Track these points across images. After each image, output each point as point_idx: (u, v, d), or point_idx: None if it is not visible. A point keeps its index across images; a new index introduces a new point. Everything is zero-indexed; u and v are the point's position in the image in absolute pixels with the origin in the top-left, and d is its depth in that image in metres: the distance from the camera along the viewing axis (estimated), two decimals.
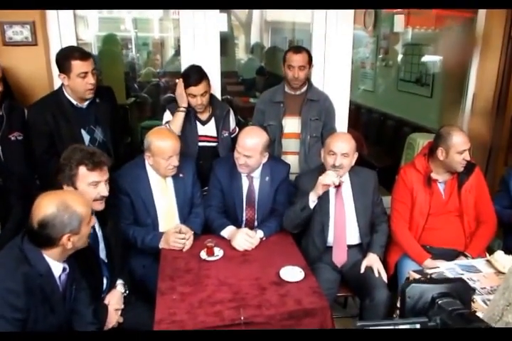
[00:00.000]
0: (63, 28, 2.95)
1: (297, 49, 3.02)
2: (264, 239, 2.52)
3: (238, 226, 2.63)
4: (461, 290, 1.53)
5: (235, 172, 2.65)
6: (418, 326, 1.27)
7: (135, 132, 4.86)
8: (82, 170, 2.05)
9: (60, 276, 1.79)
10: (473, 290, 1.82)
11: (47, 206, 1.70)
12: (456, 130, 2.53)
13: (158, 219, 2.57)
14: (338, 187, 2.52)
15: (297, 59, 2.93)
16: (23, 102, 2.71)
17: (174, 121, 2.81)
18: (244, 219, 2.71)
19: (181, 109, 2.81)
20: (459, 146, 2.47)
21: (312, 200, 2.44)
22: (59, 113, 2.53)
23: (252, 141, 2.51)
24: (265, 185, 2.67)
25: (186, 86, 2.77)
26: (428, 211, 2.61)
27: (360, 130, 5.45)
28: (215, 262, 2.29)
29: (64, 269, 1.81)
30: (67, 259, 1.83)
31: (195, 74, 2.78)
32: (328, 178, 2.37)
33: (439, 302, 1.45)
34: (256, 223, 2.70)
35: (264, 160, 2.61)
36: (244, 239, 2.44)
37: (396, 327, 1.21)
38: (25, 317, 1.64)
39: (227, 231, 2.53)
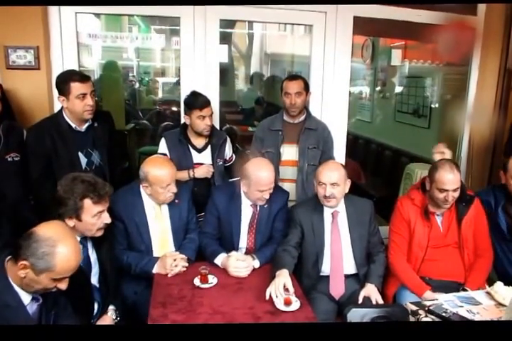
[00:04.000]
0: (66, 54, 3.01)
1: (293, 77, 3.13)
2: (259, 266, 2.48)
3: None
4: (397, 313, 1.57)
5: (234, 200, 2.64)
6: None
7: (133, 157, 4.87)
8: (88, 203, 2.01)
9: (30, 305, 1.69)
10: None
11: (49, 228, 1.64)
12: (444, 167, 2.44)
13: (152, 245, 2.53)
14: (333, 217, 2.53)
15: (293, 86, 2.99)
16: (23, 125, 2.72)
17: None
18: (244, 246, 2.67)
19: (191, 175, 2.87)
20: (439, 183, 2.42)
21: None
22: (57, 135, 2.54)
23: (271, 174, 2.53)
24: (264, 212, 2.66)
25: (194, 109, 2.81)
26: (427, 243, 2.57)
27: (358, 160, 5.48)
28: (208, 290, 2.24)
29: (35, 299, 1.69)
30: None
31: (202, 97, 2.86)
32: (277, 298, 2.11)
33: None
34: (254, 248, 2.66)
35: None
36: (235, 267, 2.40)
37: None
38: None
39: (220, 260, 2.48)
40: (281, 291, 2.10)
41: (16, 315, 1.62)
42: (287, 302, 2.08)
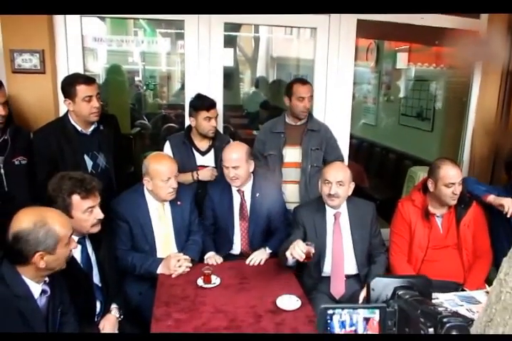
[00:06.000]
0: (72, 57, 3.03)
1: (304, 80, 3.14)
2: (268, 253, 2.60)
3: (231, 244, 2.79)
4: (421, 285, 1.58)
5: (226, 190, 2.76)
6: (377, 311, 1.40)
7: (138, 161, 4.88)
8: (76, 199, 2.03)
9: (39, 298, 1.72)
10: (472, 320, 1.78)
11: (24, 220, 1.64)
12: (445, 163, 2.55)
13: (156, 245, 2.57)
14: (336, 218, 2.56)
15: (306, 90, 3.04)
16: (28, 128, 2.75)
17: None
18: (238, 235, 2.77)
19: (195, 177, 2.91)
20: (445, 179, 2.49)
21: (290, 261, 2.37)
22: (63, 138, 2.56)
23: (235, 153, 2.64)
24: (256, 201, 2.76)
25: (201, 110, 2.86)
26: (427, 244, 2.60)
27: (362, 163, 5.49)
28: (211, 290, 2.27)
29: (44, 291, 1.74)
30: (52, 281, 1.77)
31: (208, 99, 2.92)
32: (295, 252, 2.19)
33: (399, 293, 1.50)
34: (248, 239, 2.76)
35: (251, 168, 2.71)
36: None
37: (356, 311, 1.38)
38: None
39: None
40: (301, 246, 2.17)
41: (26, 306, 1.66)
42: (308, 256, 2.18)
